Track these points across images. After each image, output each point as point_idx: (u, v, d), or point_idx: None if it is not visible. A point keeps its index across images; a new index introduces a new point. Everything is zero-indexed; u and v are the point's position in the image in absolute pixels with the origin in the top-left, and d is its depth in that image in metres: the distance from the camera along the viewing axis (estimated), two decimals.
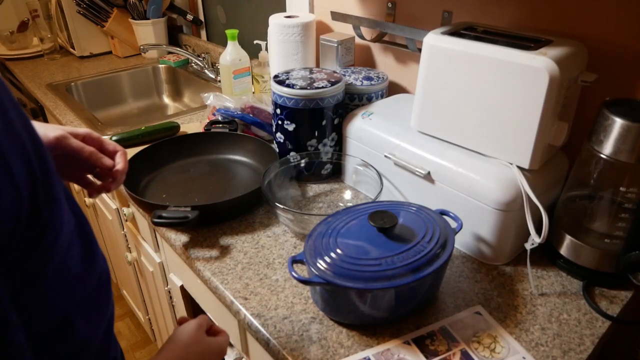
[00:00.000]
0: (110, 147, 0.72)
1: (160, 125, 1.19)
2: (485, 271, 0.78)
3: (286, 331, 0.67)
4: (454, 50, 0.76)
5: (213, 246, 0.84)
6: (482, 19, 0.93)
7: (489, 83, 0.74)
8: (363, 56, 1.23)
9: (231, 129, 1.14)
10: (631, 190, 0.69)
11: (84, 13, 1.83)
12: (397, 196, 0.90)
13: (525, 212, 0.73)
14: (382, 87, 1.05)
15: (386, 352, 0.64)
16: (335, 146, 1.01)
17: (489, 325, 0.68)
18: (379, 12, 1.13)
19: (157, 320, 1.50)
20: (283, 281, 0.76)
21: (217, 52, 1.73)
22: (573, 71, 0.71)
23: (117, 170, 0.71)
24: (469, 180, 0.76)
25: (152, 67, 1.87)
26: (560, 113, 0.74)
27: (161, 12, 1.86)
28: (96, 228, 1.81)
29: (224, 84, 1.38)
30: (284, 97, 0.94)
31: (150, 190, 0.99)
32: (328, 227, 0.71)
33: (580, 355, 0.63)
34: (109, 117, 1.74)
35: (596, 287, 0.75)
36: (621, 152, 0.67)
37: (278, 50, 1.21)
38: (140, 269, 1.39)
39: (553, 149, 0.78)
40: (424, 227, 0.69)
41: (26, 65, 1.90)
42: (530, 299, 0.72)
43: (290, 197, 0.97)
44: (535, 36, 0.76)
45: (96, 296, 0.45)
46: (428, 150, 0.83)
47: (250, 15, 1.60)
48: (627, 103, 0.70)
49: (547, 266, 0.79)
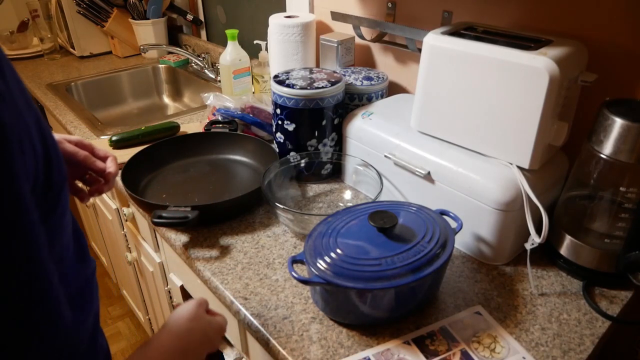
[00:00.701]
0: (101, 153, 0.77)
1: (160, 125, 1.19)
2: (485, 271, 0.78)
3: (286, 331, 0.67)
4: (454, 50, 0.76)
5: (213, 246, 0.84)
6: (482, 19, 0.93)
7: (489, 83, 0.74)
8: (363, 56, 1.23)
9: (231, 129, 1.14)
10: (631, 190, 0.69)
11: (84, 13, 1.84)
12: (397, 196, 0.90)
13: (525, 212, 0.73)
14: (382, 87, 1.05)
15: (386, 352, 0.64)
16: (335, 146, 1.01)
17: (489, 325, 0.68)
18: (379, 12, 1.13)
19: (157, 320, 1.50)
20: (283, 281, 0.76)
21: (217, 52, 1.73)
22: (573, 71, 0.71)
23: (109, 172, 0.75)
24: (469, 180, 0.76)
25: (152, 67, 1.87)
26: (560, 113, 0.74)
27: (161, 12, 1.86)
28: (96, 228, 1.81)
29: (224, 84, 1.38)
30: (284, 97, 0.94)
31: (150, 190, 0.99)
32: (328, 227, 0.71)
33: (580, 355, 0.63)
34: (109, 117, 1.74)
35: (596, 287, 0.75)
36: (621, 152, 0.67)
37: (278, 50, 1.21)
38: (140, 269, 1.39)
39: (553, 149, 0.78)
40: (424, 227, 0.69)
41: (26, 65, 1.90)
42: (530, 299, 0.72)
43: (290, 197, 0.97)
44: (535, 36, 0.76)
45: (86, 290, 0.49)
46: (428, 150, 0.83)
47: (250, 15, 1.60)
48: (627, 103, 0.70)
49: (547, 266, 0.79)
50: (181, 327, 0.60)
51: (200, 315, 0.62)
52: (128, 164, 0.99)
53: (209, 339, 0.62)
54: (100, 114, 1.71)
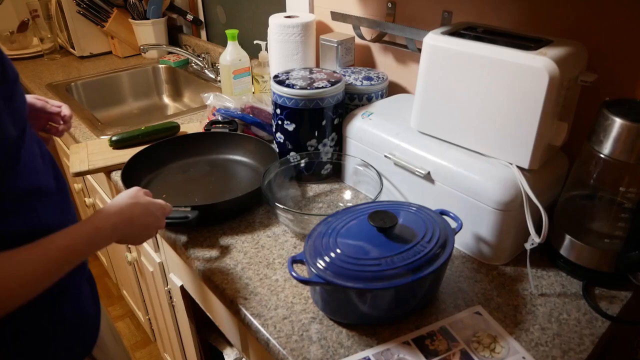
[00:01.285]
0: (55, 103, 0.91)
1: (160, 125, 1.19)
2: (485, 271, 0.78)
3: (286, 331, 0.67)
4: (454, 50, 0.77)
5: (213, 246, 0.84)
6: (482, 19, 0.93)
7: (489, 83, 0.74)
8: (363, 56, 1.23)
9: (231, 129, 1.14)
10: (631, 190, 0.69)
11: (84, 13, 1.84)
12: (397, 196, 0.90)
13: (525, 212, 0.73)
14: (382, 87, 1.05)
15: (386, 352, 0.64)
16: (335, 146, 1.01)
17: (488, 325, 0.68)
18: (379, 12, 1.13)
19: (157, 320, 1.50)
20: (283, 281, 0.76)
21: (217, 52, 1.73)
22: (573, 71, 0.71)
23: (65, 115, 0.90)
24: (468, 180, 0.77)
25: (152, 67, 1.87)
26: (560, 113, 0.74)
27: (161, 12, 1.86)
28: None
29: (224, 84, 1.38)
30: (284, 97, 0.94)
31: (150, 190, 0.98)
32: (328, 227, 0.71)
33: (580, 355, 0.63)
34: (109, 117, 1.74)
35: (596, 287, 0.75)
36: (621, 152, 0.67)
37: (278, 50, 1.21)
38: (140, 269, 1.39)
39: (553, 149, 0.78)
40: (424, 227, 0.69)
41: (26, 65, 1.90)
42: (530, 299, 0.72)
43: (290, 197, 0.97)
44: (535, 36, 0.76)
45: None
46: (428, 150, 0.83)
47: (250, 15, 1.60)
48: (627, 103, 0.70)
49: (547, 266, 0.79)
50: (122, 202, 0.67)
51: (140, 195, 0.70)
52: (128, 164, 0.99)
53: (151, 212, 0.70)
54: (100, 114, 1.71)
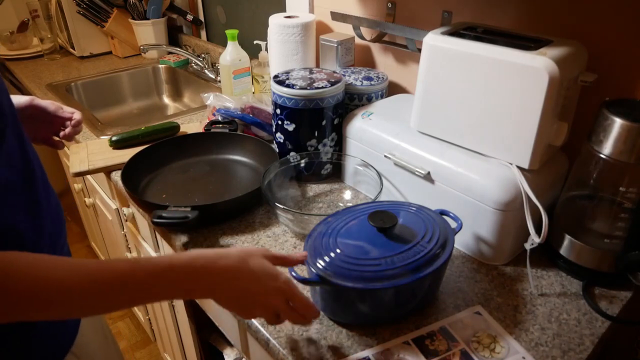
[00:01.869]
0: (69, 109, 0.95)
1: (160, 126, 1.19)
2: (485, 271, 0.78)
3: (286, 331, 0.67)
4: (454, 50, 0.77)
5: (213, 246, 0.84)
6: (482, 19, 0.93)
7: (488, 83, 0.74)
8: (363, 56, 1.23)
9: (231, 129, 1.14)
10: (631, 190, 0.69)
11: (84, 13, 1.84)
12: (397, 196, 0.90)
13: (525, 212, 0.73)
14: (382, 87, 1.05)
15: (386, 352, 0.64)
16: (335, 146, 1.01)
17: (488, 325, 0.68)
18: (378, 12, 1.13)
19: (157, 320, 1.50)
20: None
21: (217, 52, 1.73)
22: (573, 71, 0.71)
23: (76, 119, 0.95)
24: (468, 180, 0.77)
25: (152, 67, 1.87)
26: (560, 113, 0.74)
27: (161, 12, 1.86)
28: (96, 228, 1.81)
29: (224, 84, 1.38)
30: (284, 97, 0.94)
31: (150, 190, 0.99)
32: (328, 227, 0.71)
33: (580, 355, 0.63)
34: (109, 117, 1.74)
35: (596, 287, 0.75)
36: (621, 152, 0.67)
37: (278, 50, 1.21)
38: None
39: (553, 149, 0.78)
40: (424, 227, 0.69)
41: (26, 66, 1.90)
42: (530, 299, 0.72)
43: (290, 197, 0.97)
44: (535, 36, 0.76)
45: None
46: (428, 150, 0.83)
47: (250, 15, 1.60)
48: (627, 103, 0.70)
49: (547, 266, 0.79)
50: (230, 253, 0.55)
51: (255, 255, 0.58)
52: (128, 164, 0.99)
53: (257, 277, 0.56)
54: (100, 114, 1.71)
